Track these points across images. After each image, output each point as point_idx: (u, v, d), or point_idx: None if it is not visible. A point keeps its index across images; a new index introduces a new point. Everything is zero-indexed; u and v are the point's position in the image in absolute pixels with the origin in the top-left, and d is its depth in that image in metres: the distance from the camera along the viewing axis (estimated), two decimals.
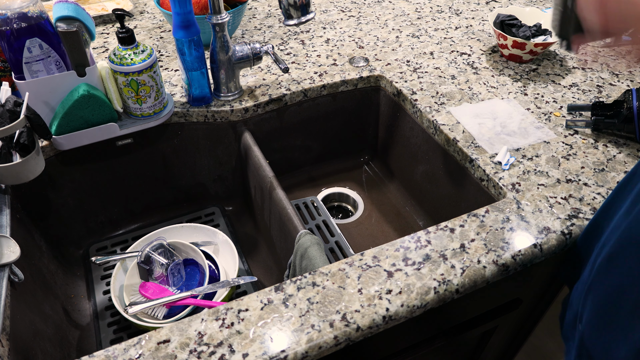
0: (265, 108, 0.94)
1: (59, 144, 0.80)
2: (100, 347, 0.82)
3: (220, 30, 0.84)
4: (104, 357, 0.54)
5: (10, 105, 0.68)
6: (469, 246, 0.66)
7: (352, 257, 0.64)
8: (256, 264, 0.97)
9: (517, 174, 0.77)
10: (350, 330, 0.57)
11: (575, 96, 0.95)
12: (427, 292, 0.61)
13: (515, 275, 0.72)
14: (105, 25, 1.14)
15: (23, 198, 0.83)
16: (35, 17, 0.71)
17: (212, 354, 0.54)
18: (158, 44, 1.08)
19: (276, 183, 0.84)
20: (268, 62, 1.03)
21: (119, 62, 0.77)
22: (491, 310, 0.83)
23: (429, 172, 0.96)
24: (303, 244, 0.72)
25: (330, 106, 1.02)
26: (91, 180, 0.92)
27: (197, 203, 1.05)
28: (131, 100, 0.82)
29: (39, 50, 0.73)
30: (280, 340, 0.55)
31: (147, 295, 0.83)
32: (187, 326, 0.57)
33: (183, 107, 0.90)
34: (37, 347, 0.66)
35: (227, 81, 0.90)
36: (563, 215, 0.71)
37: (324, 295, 0.60)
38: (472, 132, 0.86)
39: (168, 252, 0.87)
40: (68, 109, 0.77)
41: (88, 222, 0.96)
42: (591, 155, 0.81)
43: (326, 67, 1.02)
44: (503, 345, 1.07)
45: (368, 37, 1.12)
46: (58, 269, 0.88)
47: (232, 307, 0.59)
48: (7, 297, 0.61)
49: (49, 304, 0.77)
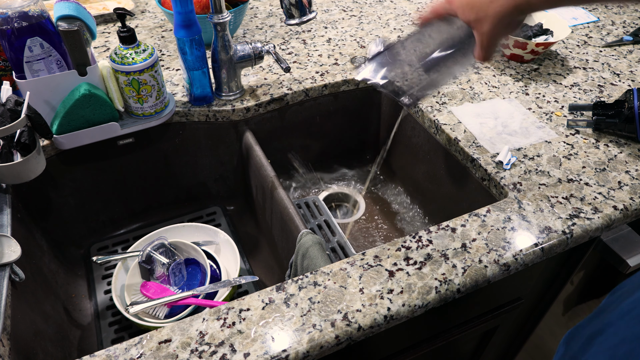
0: (267, 108, 0.94)
1: (60, 143, 0.80)
2: (101, 347, 0.82)
3: (221, 30, 0.84)
4: (105, 357, 0.54)
5: (11, 104, 0.68)
6: (471, 246, 0.66)
7: (354, 256, 0.64)
8: (257, 264, 0.97)
9: (518, 174, 0.77)
10: (352, 329, 0.57)
11: (577, 96, 0.94)
12: (429, 291, 0.61)
13: (517, 275, 0.72)
14: (106, 24, 1.14)
15: (24, 197, 0.83)
16: (36, 16, 0.71)
17: (213, 353, 0.54)
18: (159, 44, 1.08)
19: (277, 182, 0.84)
20: (269, 61, 1.03)
21: (120, 62, 0.77)
22: (492, 310, 0.83)
23: (431, 172, 0.96)
24: (304, 243, 0.72)
25: (331, 106, 1.02)
26: (92, 179, 0.92)
27: (198, 202, 1.05)
28: (132, 100, 0.82)
29: (39, 50, 0.72)
30: (281, 340, 0.55)
31: (148, 295, 0.83)
32: (188, 326, 0.57)
33: (184, 107, 0.90)
34: (38, 347, 0.66)
35: (228, 81, 0.90)
36: (564, 215, 0.70)
37: (326, 294, 0.60)
38: (474, 131, 0.85)
39: (169, 251, 0.87)
40: (69, 108, 0.77)
41: (89, 221, 0.96)
42: (592, 155, 0.81)
43: (328, 67, 1.02)
44: (504, 345, 1.07)
45: (370, 36, 1.12)
46: (59, 269, 0.88)
47: (234, 307, 0.58)
48: (8, 296, 0.61)
49: (50, 303, 0.77)
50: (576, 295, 0.99)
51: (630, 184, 0.75)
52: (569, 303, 1.00)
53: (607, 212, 0.71)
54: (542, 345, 1.14)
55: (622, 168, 0.79)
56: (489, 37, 0.57)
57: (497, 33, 0.57)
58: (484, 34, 0.57)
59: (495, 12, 0.55)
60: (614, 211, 0.71)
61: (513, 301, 0.84)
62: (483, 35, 0.58)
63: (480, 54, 0.60)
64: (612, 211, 0.71)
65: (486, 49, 0.59)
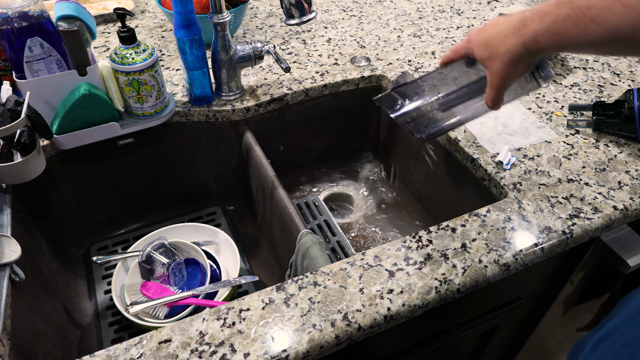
0: (267, 108, 0.94)
1: (60, 143, 0.80)
2: (101, 347, 0.82)
3: (221, 30, 0.84)
4: (105, 357, 0.54)
5: (11, 104, 0.68)
6: (471, 246, 0.66)
7: (354, 256, 0.64)
8: (257, 264, 0.97)
9: (518, 174, 0.77)
10: (352, 329, 0.57)
11: (577, 96, 0.94)
12: (429, 291, 0.61)
13: (517, 275, 0.72)
14: (106, 24, 1.14)
15: (24, 197, 0.83)
16: (36, 16, 0.71)
17: (213, 353, 0.54)
18: (159, 43, 1.08)
19: (277, 182, 0.84)
20: (269, 61, 1.03)
21: (120, 62, 0.77)
22: (492, 310, 0.83)
23: (431, 172, 0.96)
24: (304, 243, 0.72)
25: (331, 106, 1.02)
26: (92, 179, 0.92)
27: (198, 202, 1.05)
28: (132, 100, 0.82)
29: (39, 50, 0.72)
30: (281, 340, 0.55)
31: (148, 295, 0.83)
32: (188, 326, 0.57)
33: (184, 107, 0.90)
34: (38, 347, 0.66)
35: (228, 81, 0.90)
36: (564, 215, 0.70)
37: (326, 294, 0.60)
38: (474, 131, 0.85)
39: (169, 251, 0.87)
40: (69, 109, 0.77)
41: (89, 221, 0.96)
42: (592, 155, 0.81)
43: (328, 67, 1.02)
44: (504, 345, 1.07)
45: (369, 36, 1.12)
46: (59, 269, 0.88)
47: (234, 307, 0.58)
48: (8, 296, 0.61)
49: (50, 303, 0.77)
50: (576, 295, 0.99)
51: (630, 184, 0.75)
52: (569, 303, 1.00)
53: (607, 212, 0.71)
54: (542, 345, 1.14)
55: (622, 168, 0.79)
56: (499, 76, 0.57)
57: (507, 73, 0.56)
58: (495, 73, 0.57)
59: (506, 50, 0.55)
60: (614, 211, 0.71)
61: (513, 301, 0.84)
62: (494, 74, 0.57)
63: (489, 94, 0.59)
64: (612, 211, 0.71)
65: (496, 89, 0.58)
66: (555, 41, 0.52)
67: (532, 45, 0.53)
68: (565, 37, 0.51)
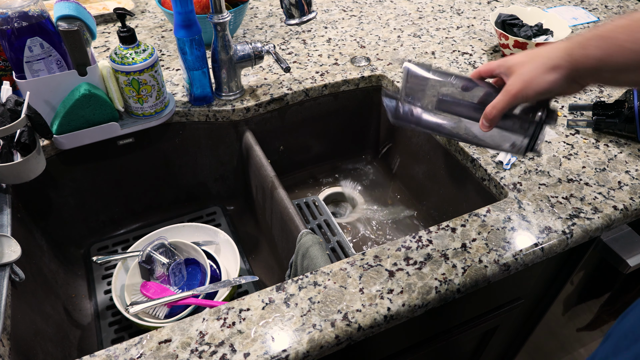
0: (267, 108, 0.94)
1: (60, 143, 0.80)
2: (101, 347, 0.82)
3: (221, 30, 0.84)
4: (105, 357, 0.54)
5: (11, 104, 0.68)
6: (471, 246, 0.66)
7: (354, 256, 0.64)
8: (257, 264, 0.97)
9: (518, 174, 0.77)
10: (352, 329, 0.57)
11: (577, 96, 0.94)
12: (429, 291, 0.61)
13: (517, 275, 0.72)
14: (106, 24, 1.14)
15: (24, 197, 0.83)
16: (36, 16, 0.71)
17: (213, 353, 0.54)
18: (159, 43, 1.08)
19: (277, 182, 0.84)
20: (269, 61, 1.03)
21: (120, 62, 0.77)
22: (492, 310, 0.83)
23: (431, 172, 0.96)
24: (304, 243, 0.72)
25: (331, 106, 1.02)
26: (92, 179, 0.92)
27: (198, 202, 1.05)
28: (132, 100, 0.82)
29: (39, 50, 0.72)
30: (281, 340, 0.55)
31: (148, 295, 0.83)
32: (188, 326, 0.57)
33: (184, 107, 0.90)
34: (38, 347, 0.66)
35: (228, 81, 0.90)
36: (564, 215, 0.70)
37: (326, 294, 0.60)
38: None
39: (169, 251, 0.87)
40: (69, 109, 0.77)
41: (89, 221, 0.96)
42: (592, 155, 0.81)
43: (328, 67, 1.02)
44: (504, 345, 1.07)
45: (369, 36, 1.12)
46: (59, 269, 0.88)
47: (234, 307, 0.58)
48: (8, 296, 0.61)
49: (50, 303, 0.77)
50: (576, 295, 0.99)
51: (630, 184, 0.75)
52: (569, 303, 1.00)
53: (607, 212, 0.71)
54: (542, 345, 1.14)
55: (622, 168, 0.79)
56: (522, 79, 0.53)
57: (533, 76, 0.52)
58: (519, 76, 0.53)
59: (545, 53, 0.52)
60: (614, 211, 0.71)
61: (513, 301, 0.84)
62: (517, 77, 0.53)
63: (496, 100, 0.54)
64: (612, 211, 0.71)
65: (509, 94, 0.53)
66: (602, 47, 0.48)
67: (578, 49, 0.50)
68: (614, 42, 0.47)
